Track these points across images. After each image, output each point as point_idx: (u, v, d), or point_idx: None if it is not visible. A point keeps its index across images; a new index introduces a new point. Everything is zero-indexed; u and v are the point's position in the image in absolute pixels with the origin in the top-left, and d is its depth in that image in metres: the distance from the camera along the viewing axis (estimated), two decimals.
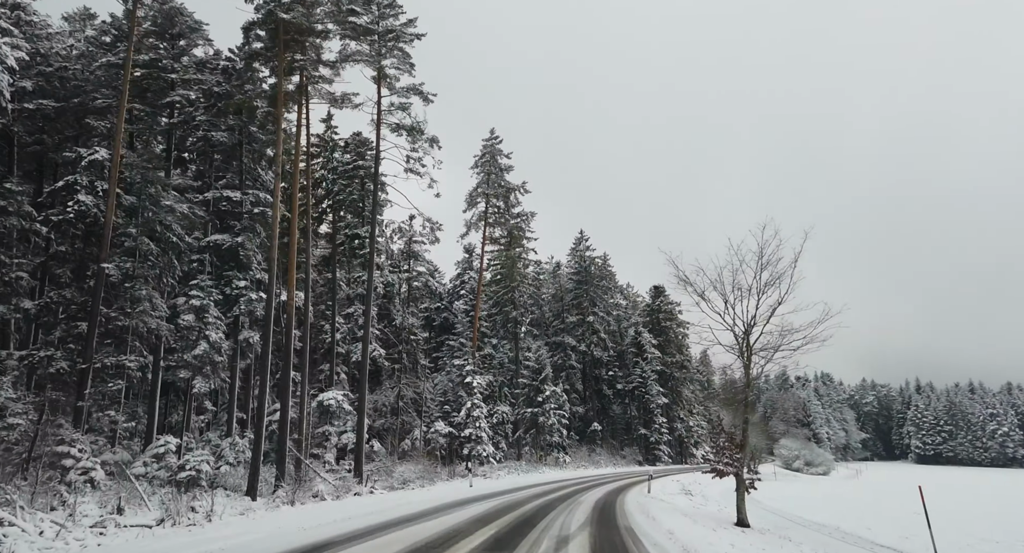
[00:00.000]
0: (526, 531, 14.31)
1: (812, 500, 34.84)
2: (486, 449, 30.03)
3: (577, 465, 48.26)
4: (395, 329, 49.21)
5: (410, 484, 22.56)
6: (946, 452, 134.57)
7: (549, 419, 44.25)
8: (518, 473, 35.70)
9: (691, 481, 36.85)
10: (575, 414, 61.47)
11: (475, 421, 30.36)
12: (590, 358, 64.18)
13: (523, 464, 40.31)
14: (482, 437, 29.96)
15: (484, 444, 30.05)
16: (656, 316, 70.85)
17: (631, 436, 64.95)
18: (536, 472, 38.10)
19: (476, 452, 29.36)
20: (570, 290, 65.09)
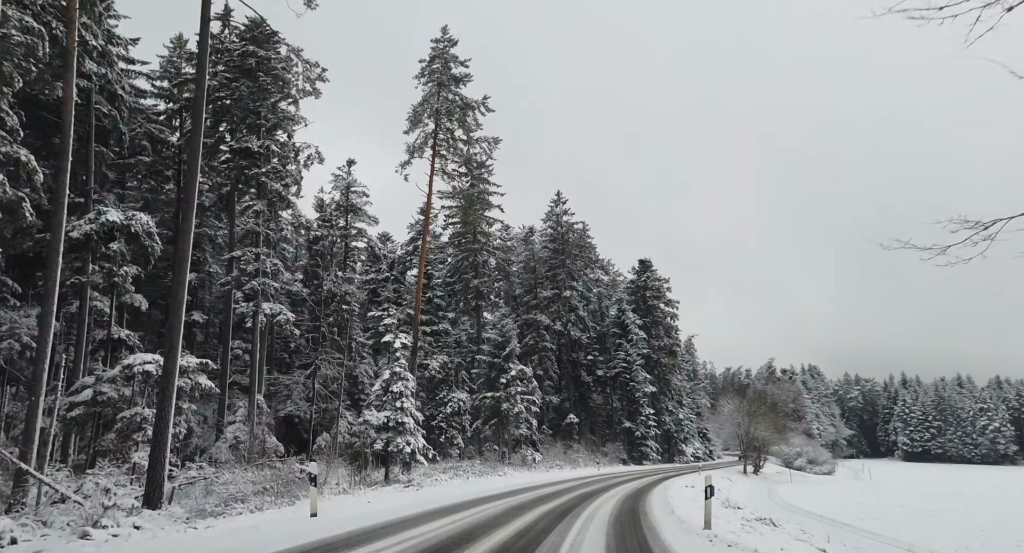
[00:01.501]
0: None
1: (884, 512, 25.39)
2: (412, 442, 19.75)
3: (550, 464, 38.34)
4: (323, 296, 38.83)
5: (233, 508, 12.42)
6: (935, 449, 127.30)
7: (515, 406, 34.33)
8: (467, 477, 25.59)
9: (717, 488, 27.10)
10: (549, 404, 51.57)
11: (396, 399, 20.06)
12: (567, 340, 54.35)
13: (476, 464, 30.19)
14: (405, 424, 19.70)
15: (409, 434, 19.79)
16: (642, 294, 61.21)
17: (614, 430, 55.23)
18: (493, 475, 28.03)
19: (397, 447, 19.14)
20: (544, 260, 55.13)
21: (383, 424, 19.92)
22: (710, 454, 76.77)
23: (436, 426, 39.58)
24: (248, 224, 25.33)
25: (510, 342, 34.80)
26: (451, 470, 26.46)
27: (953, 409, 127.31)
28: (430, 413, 40.19)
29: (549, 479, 27.98)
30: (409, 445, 19.70)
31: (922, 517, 24.57)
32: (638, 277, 62.39)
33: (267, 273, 26.83)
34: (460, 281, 45.55)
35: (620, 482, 26.98)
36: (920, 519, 23.32)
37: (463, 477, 25.20)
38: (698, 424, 73.20)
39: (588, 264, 59.88)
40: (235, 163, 25.31)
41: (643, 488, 23.49)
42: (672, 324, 61.49)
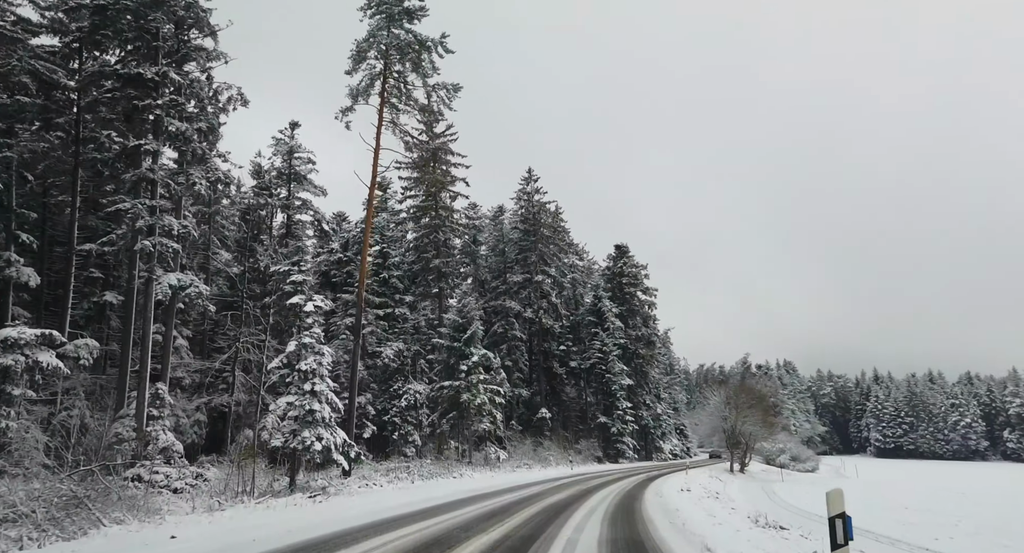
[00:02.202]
0: None
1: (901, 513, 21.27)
2: (326, 437, 14.69)
3: (517, 463, 33.72)
4: (254, 272, 33.69)
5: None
6: (907, 445, 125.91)
7: (476, 397, 29.61)
8: (412, 480, 20.77)
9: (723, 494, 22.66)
10: (518, 398, 46.96)
11: (304, 380, 15.02)
12: (538, 328, 49.79)
13: (426, 465, 25.40)
14: (317, 413, 14.66)
15: (322, 426, 14.79)
16: (618, 281, 56.94)
17: (588, 426, 50.85)
18: (446, 477, 23.26)
19: (303, 443, 14.10)
20: (514, 242, 50.46)
21: (286, 413, 14.94)
22: (687, 451, 72.98)
23: (389, 421, 34.69)
24: (140, 170, 20.14)
25: (471, 324, 30.03)
26: (396, 472, 21.67)
27: (925, 405, 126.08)
28: (382, 407, 35.27)
29: (513, 481, 23.34)
30: (322, 441, 14.72)
31: (952, 523, 20.54)
32: (614, 263, 58.13)
33: (170, 233, 21.69)
34: (420, 261, 40.68)
35: (599, 484, 22.48)
36: (956, 527, 19.27)
37: (406, 481, 20.40)
38: (675, 420, 69.32)
39: (561, 249, 55.39)
40: (123, 93, 20.14)
41: (631, 494, 18.97)
42: (650, 313, 57.36)
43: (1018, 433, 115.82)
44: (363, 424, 33.62)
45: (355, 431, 33.40)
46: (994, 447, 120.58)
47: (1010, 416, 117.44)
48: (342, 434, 15.53)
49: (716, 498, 19.29)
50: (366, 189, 26.35)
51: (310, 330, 15.56)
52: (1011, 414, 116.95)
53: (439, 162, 41.01)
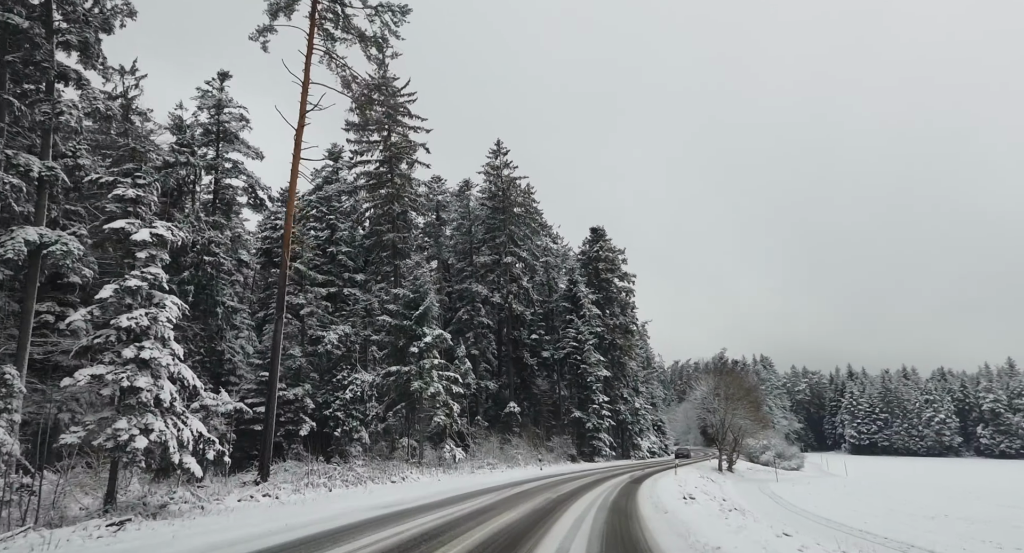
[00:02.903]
0: None
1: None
2: (166, 432, 9.55)
3: (479, 463, 29.14)
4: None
5: None
6: (881, 441, 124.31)
7: (430, 386, 24.85)
8: (328, 488, 15.94)
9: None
10: (485, 391, 42.36)
11: (125, 342, 9.76)
12: (508, 315, 45.23)
13: (355, 468, 20.53)
14: (146, 393, 9.51)
15: (156, 413, 9.61)
16: (594, 266, 52.67)
17: (561, 421, 46.43)
18: (382, 483, 18.49)
19: (116, 438, 8.91)
20: (482, 220, 45.80)
21: (105, 392, 9.87)
22: (665, 449, 69.13)
23: (331, 416, 29.79)
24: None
25: (425, 298, 25.21)
26: (315, 475, 16.83)
27: (900, 400, 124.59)
28: (324, 399, 30.37)
29: (467, 486, 18.71)
30: (151, 434, 9.61)
31: (976, 527, 16.52)
32: (590, 247, 53.85)
33: (26, 173, 16.61)
34: (373, 235, 35.81)
35: (574, 491, 17.99)
36: (979, 532, 15.25)
37: (322, 489, 15.55)
38: (653, 415, 65.36)
39: (534, 230, 50.89)
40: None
41: (621, 507, 14.35)
42: (628, 300, 53.18)
43: (991, 429, 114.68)
44: (300, 419, 28.75)
45: (289, 428, 28.50)
46: (967, 443, 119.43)
47: (984, 411, 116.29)
48: (197, 426, 10.56)
49: (738, 512, 14.80)
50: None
51: (145, 269, 10.52)
52: (985, 409, 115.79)
53: (396, 125, 36.17)
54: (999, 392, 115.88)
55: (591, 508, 13.76)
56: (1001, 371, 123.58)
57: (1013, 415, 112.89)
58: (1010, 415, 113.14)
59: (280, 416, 28.97)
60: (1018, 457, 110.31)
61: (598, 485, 20.05)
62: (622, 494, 17.33)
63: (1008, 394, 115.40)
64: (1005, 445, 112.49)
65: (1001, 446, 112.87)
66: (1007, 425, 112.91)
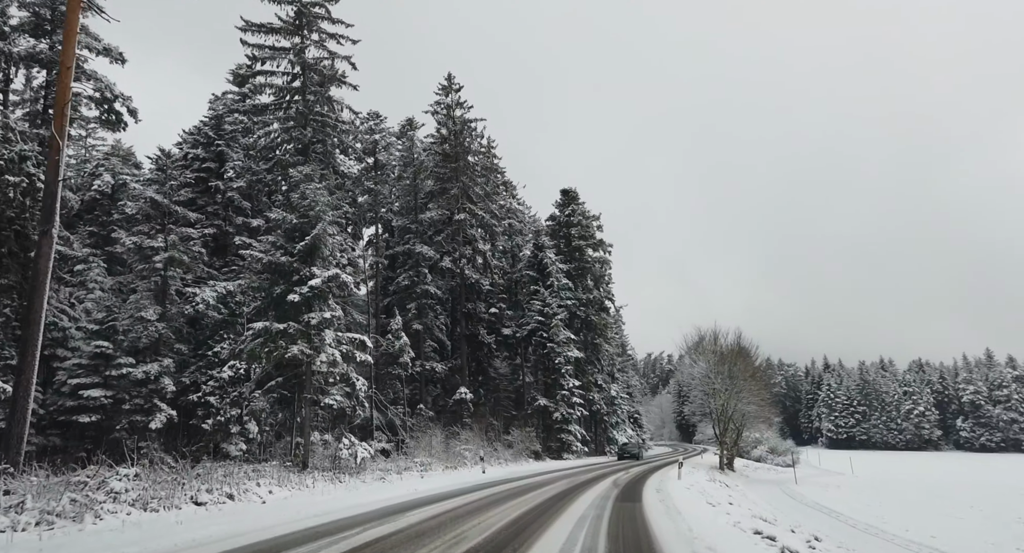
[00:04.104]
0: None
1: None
2: None
3: (405, 465, 21.05)
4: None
5: None
6: (859, 435, 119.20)
7: (322, 351, 16.31)
8: (35, 522, 7.87)
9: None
10: (431, 374, 34.33)
11: None
12: (460, 283, 37.20)
13: (130, 479, 12.28)
14: None
15: None
16: (565, 233, 44.90)
17: (523, 411, 38.55)
18: (167, 509, 10.31)
19: None
20: (430, 171, 37.64)
21: None
22: (642, 443, 61.80)
23: (201, 402, 21.43)
24: None
25: (315, 225, 16.82)
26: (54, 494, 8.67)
27: (878, 393, 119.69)
28: (191, 379, 21.96)
29: (306, 516, 10.46)
30: None
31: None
32: (560, 211, 46.05)
33: None
34: (275, 169, 27.37)
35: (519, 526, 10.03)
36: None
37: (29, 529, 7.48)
38: (629, 406, 57.94)
39: (494, 189, 42.93)
40: None
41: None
42: (603, 272, 45.50)
43: (971, 421, 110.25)
44: (152, 408, 20.38)
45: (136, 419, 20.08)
46: (947, 436, 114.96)
47: (963, 403, 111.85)
48: None
49: None
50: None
51: None
52: (965, 401, 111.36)
53: (310, 28, 27.81)
54: (979, 384, 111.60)
55: None
56: (979, 362, 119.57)
57: (993, 407, 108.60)
58: (990, 407, 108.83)
59: (124, 403, 20.61)
60: (998, 451, 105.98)
61: (567, 505, 12.18)
62: (618, 524, 9.44)
63: (988, 386, 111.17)
64: (985, 438, 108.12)
65: (981, 439, 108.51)
66: (987, 418, 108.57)
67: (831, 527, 14.01)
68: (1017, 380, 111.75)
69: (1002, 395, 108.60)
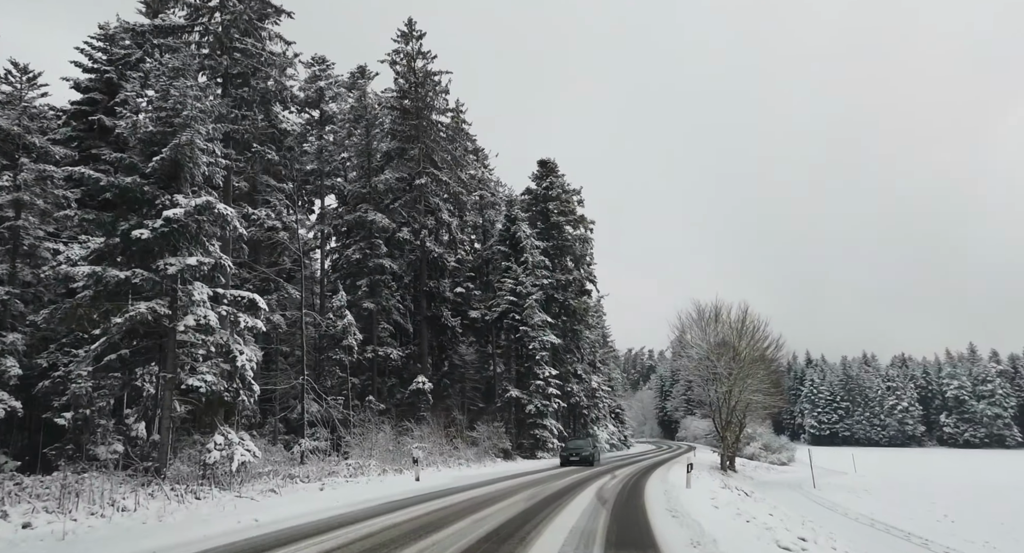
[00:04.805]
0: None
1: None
2: None
3: (328, 469, 16.23)
4: None
5: None
6: (842, 431, 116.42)
7: (190, 311, 11.46)
8: None
9: None
10: (383, 360, 29.42)
11: None
12: (420, 256, 32.31)
13: None
14: None
15: None
16: (543, 207, 40.16)
17: (493, 404, 33.78)
18: None
19: None
20: (387, 131, 32.68)
21: None
22: (624, 441, 57.48)
23: (60, 390, 16.33)
24: None
25: (182, 133, 11.71)
26: None
27: (861, 388, 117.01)
28: (52, 360, 16.82)
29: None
30: None
31: None
32: (538, 184, 41.29)
33: None
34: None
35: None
36: None
37: None
38: (611, 400, 53.45)
39: (463, 156, 38.04)
40: None
41: None
42: (584, 252, 40.85)
43: (955, 417, 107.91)
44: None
45: None
46: (930, 432, 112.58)
47: (947, 399, 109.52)
48: None
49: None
50: None
51: None
52: (949, 396, 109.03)
53: None
54: (963, 379, 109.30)
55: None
56: (962, 357, 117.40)
57: (978, 402, 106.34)
58: (974, 403, 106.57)
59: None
60: (982, 446, 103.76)
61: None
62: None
63: (972, 380, 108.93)
64: (969, 434, 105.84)
65: (965, 435, 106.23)
66: (971, 413, 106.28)
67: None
68: (1001, 375, 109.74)
69: (986, 390, 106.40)
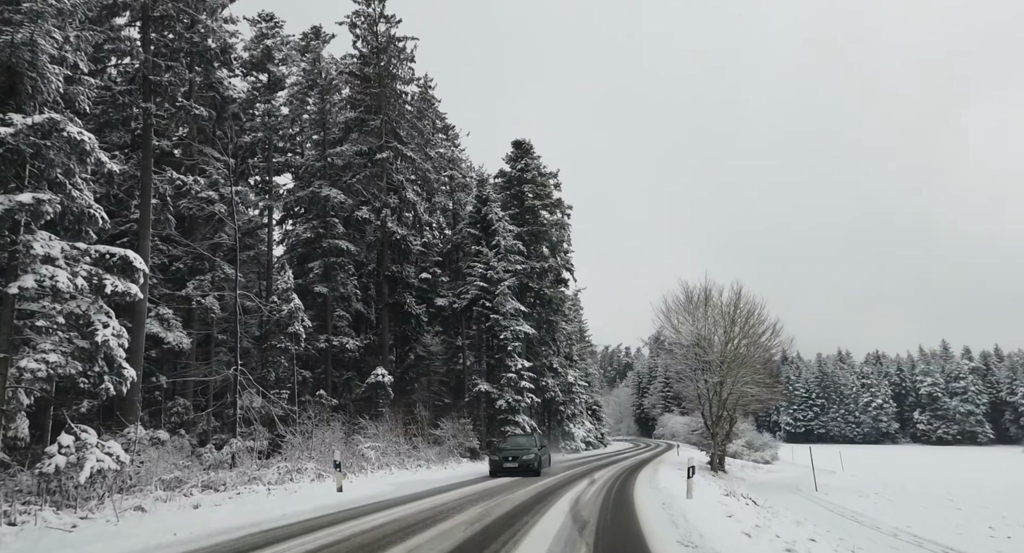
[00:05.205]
0: None
1: None
2: None
3: (245, 477, 13.32)
4: None
5: None
6: (817, 429, 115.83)
7: (29, 279, 8.66)
8: None
9: None
10: (340, 350, 26.45)
11: None
12: (382, 238, 29.35)
13: None
14: None
15: None
16: (518, 190, 37.42)
17: (461, 398, 30.97)
18: None
19: None
20: (345, 100, 29.68)
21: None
22: (601, 439, 55.04)
23: None
24: None
25: (23, 27, 9.03)
26: None
27: (836, 385, 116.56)
28: None
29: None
30: None
31: None
32: (512, 166, 38.52)
33: None
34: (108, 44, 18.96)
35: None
36: None
37: None
38: (588, 396, 50.95)
39: (432, 132, 35.15)
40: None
41: None
42: (562, 238, 38.20)
43: (928, 414, 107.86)
44: None
45: None
46: (904, 429, 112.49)
47: (921, 396, 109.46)
48: None
49: None
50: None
51: None
52: (922, 393, 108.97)
53: None
54: (936, 375, 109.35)
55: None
56: (935, 354, 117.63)
57: (950, 399, 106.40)
58: (947, 399, 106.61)
59: None
60: (954, 443, 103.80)
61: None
62: None
63: (945, 377, 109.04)
64: (942, 431, 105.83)
65: (938, 432, 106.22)
66: (944, 410, 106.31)
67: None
68: (974, 372, 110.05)
69: (959, 387, 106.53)
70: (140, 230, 18.14)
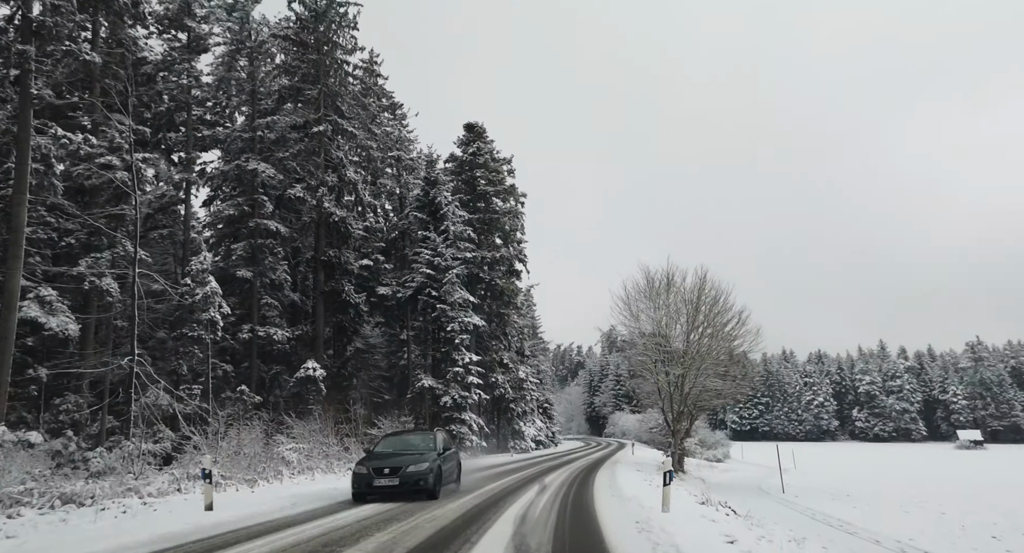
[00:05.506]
0: None
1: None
2: None
3: (131, 486, 10.76)
4: None
5: None
6: (762, 426, 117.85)
7: None
8: None
9: None
10: (266, 341, 23.71)
11: None
12: (318, 219, 26.67)
13: None
14: None
15: None
16: (469, 176, 35.25)
17: (403, 395, 28.55)
18: None
19: None
20: (280, 68, 26.90)
21: None
22: (552, 437, 53.38)
23: None
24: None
25: None
26: None
27: (781, 384, 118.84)
28: None
29: None
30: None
31: None
32: (463, 150, 36.33)
33: None
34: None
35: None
36: None
37: None
38: (540, 393, 49.17)
39: (378, 111, 32.58)
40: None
41: None
42: (514, 226, 36.20)
43: (867, 412, 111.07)
44: None
45: None
46: (843, 426, 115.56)
47: (859, 394, 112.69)
48: None
49: None
50: None
51: None
52: (861, 392, 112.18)
53: None
54: (875, 374, 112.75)
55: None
56: (873, 354, 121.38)
57: (887, 397, 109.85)
58: (884, 397, 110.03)
59: None
60: (890, 440, 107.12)
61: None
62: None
63: (883, 376, 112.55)
64: (879, 428, 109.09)
65: (875, 429, 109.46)
66: (881, 407, 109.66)
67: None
68: (909, 371, 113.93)
69: (895, 385, 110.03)
70: (15, 195, 15.15)
